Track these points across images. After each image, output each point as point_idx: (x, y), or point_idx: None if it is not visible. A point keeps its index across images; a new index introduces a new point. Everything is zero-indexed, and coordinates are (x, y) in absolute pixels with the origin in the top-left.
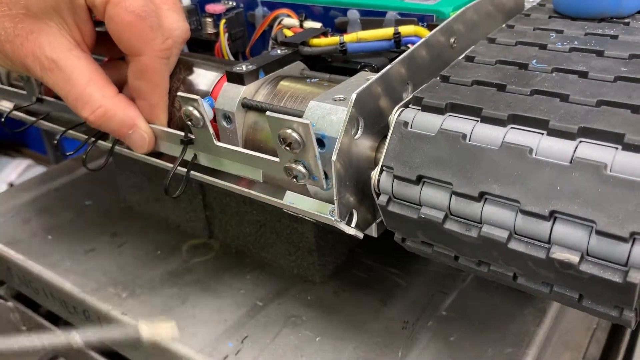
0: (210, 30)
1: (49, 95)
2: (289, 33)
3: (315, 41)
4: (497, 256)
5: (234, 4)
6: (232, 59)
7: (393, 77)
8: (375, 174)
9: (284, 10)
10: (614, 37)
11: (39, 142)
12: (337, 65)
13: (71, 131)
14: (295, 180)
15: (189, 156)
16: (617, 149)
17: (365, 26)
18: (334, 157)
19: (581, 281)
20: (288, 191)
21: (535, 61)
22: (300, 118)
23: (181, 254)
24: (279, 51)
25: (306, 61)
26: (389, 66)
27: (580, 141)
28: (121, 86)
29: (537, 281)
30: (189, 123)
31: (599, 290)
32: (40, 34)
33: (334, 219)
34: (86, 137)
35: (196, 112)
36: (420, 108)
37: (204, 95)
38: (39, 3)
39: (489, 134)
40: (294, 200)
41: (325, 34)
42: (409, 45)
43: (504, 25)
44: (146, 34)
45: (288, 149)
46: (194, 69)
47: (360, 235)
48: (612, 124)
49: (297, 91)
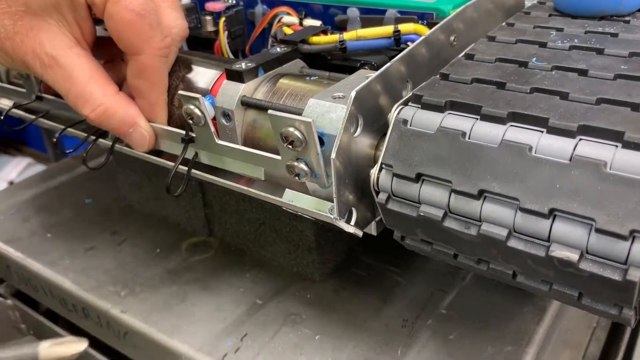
0: (210, 28)
1: (48, 93)
2: (289, 31)
3: (315, 39)
4: (497, 254)
5: (234, 1)
6: (231, 56)
7: (392, 75)
8: (374, 171)
9: (284, 8)
10: (614, 35)
11: (39, 141)
12: (336, 63)
13: (71, 129)
14: (297, 178)
15: (189, 154)
16: (616, 146)
17: (365, 24)
18: (333, 155)
19: (581, 279)
20: (287, 189)
21: (535, 59)
22: (302, 117)
23: (181, 252)
24: (278, 49)
25: (306, 59)
26: (389, 64)
27: (580, 139)
28: (120, 86)
29: (537, 279)
30: (190, 121)
31: (599, 288)
32: (40, 31)
33: (333, 217)
34: (85, 135)
35: (197, 111)
36: (419, 106)
37: (203, 93)
38: (38, 0)
39: (489, 132)
40: (293, 198)
41: (325, 32)
42: (409, 43)
43: (504, 24)
44: (145, 33)
45: (290, 147)
46: (193, 66)
47: (360, 234)
48: (612, 121)
49: (297, 89)
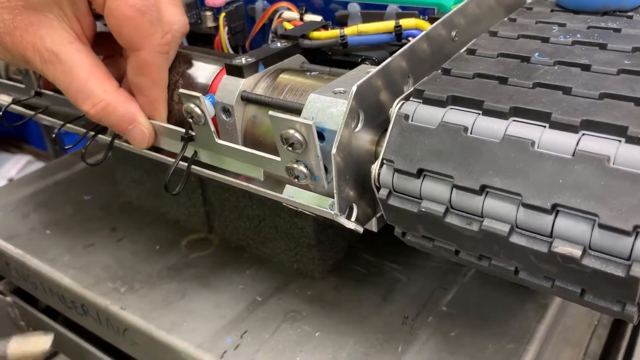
0: (210, 23)
1: (47, 89)
2: (289, 26)
3: (316, 34)
4: (499, 250)
5: None
6: (231, 52)
7: (394, 70)
8: (375, 167)
9: (284, 4)
10: (617, 30)
11: (39, 138)
12: (337, 59)
13: (70, 125)
14: (296, 180)
15: (189, 153)
16: (620, 141)
17: (366, 19)
18: (333, 150)
19: (583, 275)
20: (287, 185)
21: (537, 54)
22: (303, 118)
23: (180, 248)
24: (278, 44)
25: (306, 54)
26: (390, 59)
27: (583, 134)
28: (119, 82)
29: (539, 276)
30: (190, 120)
31: (602, 284)
32: (40, 26)
33: (334, 213)
34: (85, 130)
35: (197, 110)
36: (421, 101)
37: (203, 88)
38: None
39: (491, 127)
40: (293, 194)
41: (326, 27)
42: (410, 39)
43: (505, 19)
44: (146, 29)
45: (290, 149)
46: (193, 62)
47: (361, 230)
48: (615, 116)
49: (297, 84)
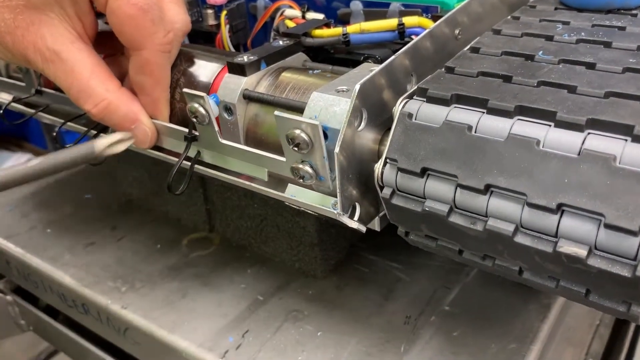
0: (211, 21)
1: (48, 87)
2: (291, 24)
3: (318, 32)
4: (503, 250)
5: None
6: (233, 50)
7: (397, 69)
8: (378, 166)
9: (286, 2)
10: (622, 28)
11: (40, 137)
12: (339, 57)
13: (70, 123)
14: (301, 180)
15: (192, 152)
16: (626, 140)
17: (369, 17)
18: (337, 149)
19: (589, 275)
20: (290, 184)
21: (541, 52)
22: (309, 119)
23: (181, 247)
24: (280, 42)
25: (308, 52)
26: (393, 57)
27: (589, 133)
28: (120, 81)
29: (543, 276)
30: (194, 120)
31: (607, 284)
32: (42, 25)
33: (336, 212)
34: (86, 129)
35: (202, 109)
36: (425, 99)
37: (205, 86)
38: None
39: (495, 126)
40: (296, 194)
41: (328, 25)
42: (413, 37)
43: (509, 17)
44: (148, 28)
45: (296, 149)
46: (195, 60)
47: (363, 229)
48: (621, 115)
49: (300, 82)
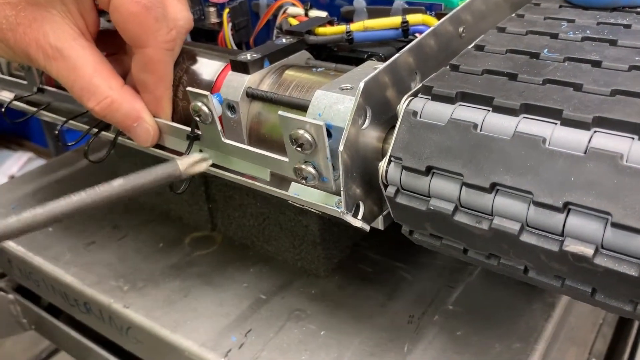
0: (214, 19)
1: (50, 85)
2: (294, 22)
3: (321, 30)
4: (508, 249)
5: None
6: (235, 48)
7: (401, 66)
8: (383, 164)
9: None
10: (627, 26)
11: (41, 135)
12: (343, 55)
13: (72, 121)
14: (304, 181)
15: (194, 151)
16: (633, 139)
17: (372, 15)
18: (341, 148)
19: (595, 275)
20: (293, 183)
21: (546, 50)
22: (313, 119)
23: (183, 246)
24: (284, 40)
25: (311, 50)
26: (397, 55)
27: (595, 131)
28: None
29: (549, 275)
30: (197, 119)
31: (614, 284)
32: (44, 22)
33: (340, 211)
34: (87, 127)
35: (205, 108)
36: (429, 97)
37: (208, 84)
38: None
39: (501, 124)
40: (299, 192)
41: (331, 23)
42: (417, 35)
43: (513, 15)
44: (151, 25)
45: (299, 149)
46: (197, 58)
47: (367, 228)
48: (628, 113)
49: (303, 80)
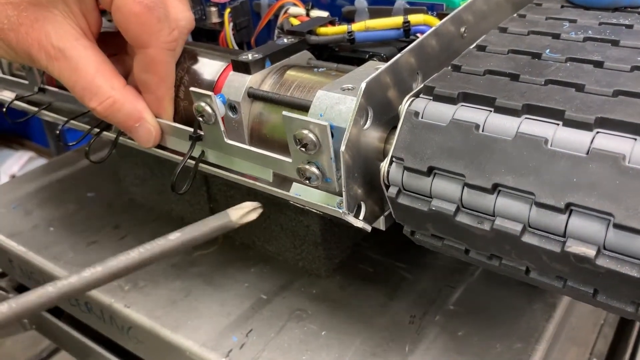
0: (215, 19)
1: (51, 85)
2: (295, 22)
3: (323, 30)
4: (510, 250)
5: None
6: (236, 48)
7: (402, 67)
8: (384, 165)
9: None
10: (629, 26)
11: (42, 135)
12: (344, 55)
13: (74, 121)
14: (307, 182)
15: (196, 152)
16: (635, 139)
17: (373, 15)
18: (342, 148)
19: (597, 276)
20: (295, 183)
21: (548, 51)
22: (317, 119)
23: None
24: (285, 40)
25: (313, 50)
26: (399, 55)
27: (597, 132)
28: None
29: (551, 275)
30: (200, 119)
31: (615, 285)
32: (46, 22)
33: (341, 211)
34: (88, 127)
35: (208, 108)
36: (431, 98)
37: (209, 84)
38: None
39: (503, 125)
40: (301, 192)
41: (333, 23)
42: (418, 35)
43: (515, 15)
44: (153, 26)
45: (303, 149)
46: (199, 58)
47: (369, 228)
48: (630, 114)
49: (304, 81)
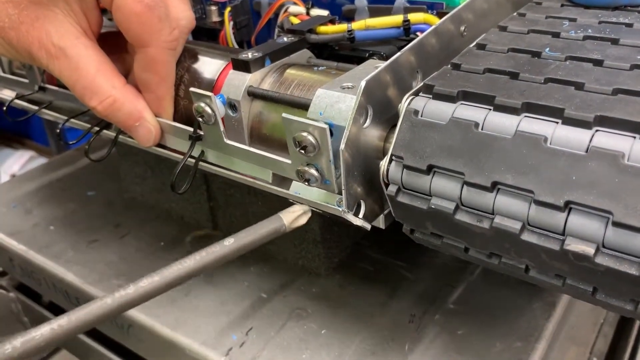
0: (215, 18)
1: (51, 84)
2: (295, 21)
3: (323, 29)
4: (509, 248)
5: None
6: (237, 47)
7: (402, 65)
8: (384, 163)
9: None
10: (629, 25)
11: (42, 134)
12: (344, 54)
13: (74, 120)
14: (306, 183)
15: (196, 151)
16: (634, 137)
17: (374, 14)
18: (342, 146)
19: (596, 274)
20: (294, 181)
21: (548, 49)
22: (317, 122)
23: (185, 245)
24: (285, 39)
25: (313, 49)
26: (399, 54)
27: (597, 130)
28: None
29: (550, 274)
30: (200, 119)
31: (615, 283)
32: (46, 21)
33: (341, 209)
34: (88, 126)
35: (208, 109)
36: (431, 96)
37: (209, 83)
38: None
39: (503, 123)
40: (300, 191)
41: (333, 22)
42: (418, 33)
43: (515, 14)
44: (154, 25)
45: (302, 151)
46: (199, 57)
47: (368, 227)
48: (629, 112)
49: (304, 79)
